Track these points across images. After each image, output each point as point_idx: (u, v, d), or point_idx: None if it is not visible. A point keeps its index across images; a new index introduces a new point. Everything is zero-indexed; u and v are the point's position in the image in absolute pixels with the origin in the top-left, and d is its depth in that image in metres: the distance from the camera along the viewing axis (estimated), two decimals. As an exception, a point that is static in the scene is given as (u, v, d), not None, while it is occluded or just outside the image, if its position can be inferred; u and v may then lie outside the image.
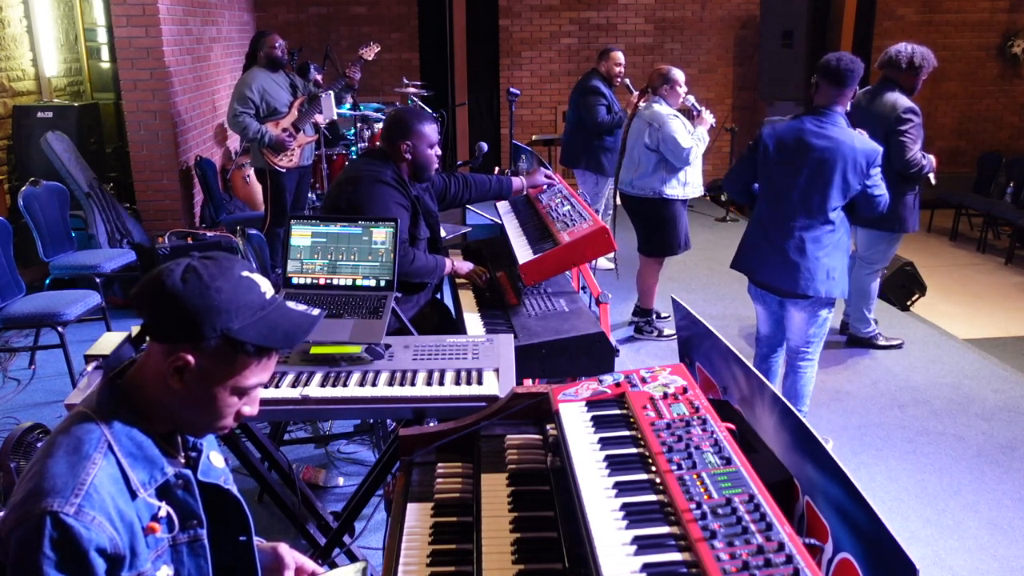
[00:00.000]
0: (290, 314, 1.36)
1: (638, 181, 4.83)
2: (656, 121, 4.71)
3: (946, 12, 9.39)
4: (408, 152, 3.09)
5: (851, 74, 3.27)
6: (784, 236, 3.34)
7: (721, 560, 1.20)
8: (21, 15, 5.96)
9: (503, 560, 1.53)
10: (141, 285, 1.31)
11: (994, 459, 3.63)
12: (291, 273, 2.70)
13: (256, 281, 1.34)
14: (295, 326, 1.36)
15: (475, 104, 9.18)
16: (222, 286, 1.28)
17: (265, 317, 1.31)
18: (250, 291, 1.32)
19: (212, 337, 1.27)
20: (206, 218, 6.46)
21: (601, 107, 5.83)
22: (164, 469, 1.32)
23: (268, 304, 1.33)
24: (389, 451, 2.47)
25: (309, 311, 1.40)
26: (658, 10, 9.33)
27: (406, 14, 9.13)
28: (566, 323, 2.83)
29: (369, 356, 2.38)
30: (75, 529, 1.16)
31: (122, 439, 1.28)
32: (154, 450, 1.31)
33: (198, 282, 1.27)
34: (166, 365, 1.28)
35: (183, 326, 1.26)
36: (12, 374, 4.53)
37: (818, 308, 3.41)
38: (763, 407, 1.69)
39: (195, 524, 1.37)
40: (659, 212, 4.84)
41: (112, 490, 1.23)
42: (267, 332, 1.31)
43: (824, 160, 3.24)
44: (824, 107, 3.32)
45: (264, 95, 5.32)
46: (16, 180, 5.66)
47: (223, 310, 1.27)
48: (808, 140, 3.27)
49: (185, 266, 1.30)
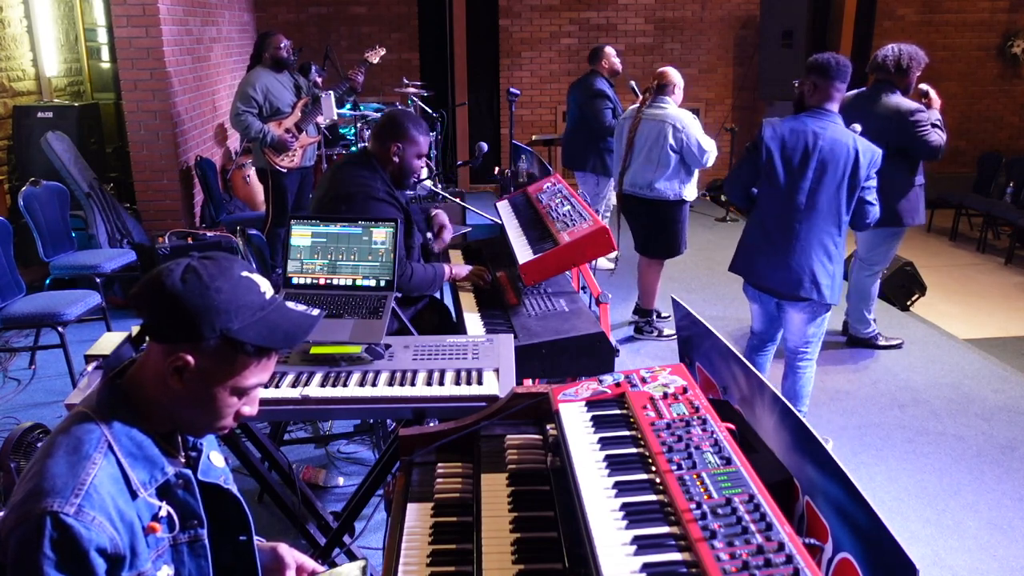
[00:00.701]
0: (290, 314, 1.36)
1: (658, 184, 4.73)
2: (680, 123, 4.65)
3: (946, 12, 9.39)
4: (396, 155, 3.05)
5: (847, 70, 3.28)
6: (787, 238, 3.32)
7: (721, 560, 1.20)
8: (21, 15, 5.97)
9: (503, 560, 1.53)
10: (141, 285, 1.31)
11: (994, 459, 3.63)
12: (291, 273, 2.70)
13: (256, 281, 1.34)
14: (295, 326, 1.36)
15: (475, 104, 9.18)
16: (222, 286, 1.28)
17: (265, 317, 1.31)
18: (250, 291, 1.32)
19: (212, 337, 1.27)
20: (206, 218, 6.46)
21: (607, 110, 5.82)
22: (164, 469, 1.32)
23: (268, 304, 1.33)
24: (389, 451, 2.47)
25: (309, 311, 1.40)
26: (658, 10, 9.34)
27: (406, 14, 9.13)
28: (566, 323, 2.83)
29: (369, 356, 2.38)
30: (75, 529, 1.16)
31: (122, 439, 1.28)
32: (154, 450, 1.31)
33: (198, 282, 1.27)
34: (166, 365, 1.28)
35: (183, 326, 1.26)
36: (12, 374, 4.53)
37: (818, 310, 3.41)
38: (763, 407, 1.69)
39: (195, 524, 1.36)
40: (670, 214, 4.81)
41: (112, 490, 1.23)
42: (267, 332, 1.31)
43: (829, 160, 3.22)
44: (820, 106, 3.31)
45: (268, 95, 5.32)
46: (16, 180, 5.67)
47: (223, 310, 1.27)
48: (813, 140, 3.25)
49: (185, 266, 1.30)
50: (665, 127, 4.67)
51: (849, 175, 3.22)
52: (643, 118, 4.78)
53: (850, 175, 3.22)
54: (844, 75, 3.28)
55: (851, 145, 3.22)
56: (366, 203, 2.95)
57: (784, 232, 3.33)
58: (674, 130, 4.65)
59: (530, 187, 3.99)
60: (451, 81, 9.08)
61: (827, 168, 3.22)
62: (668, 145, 4.65)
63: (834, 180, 3.22)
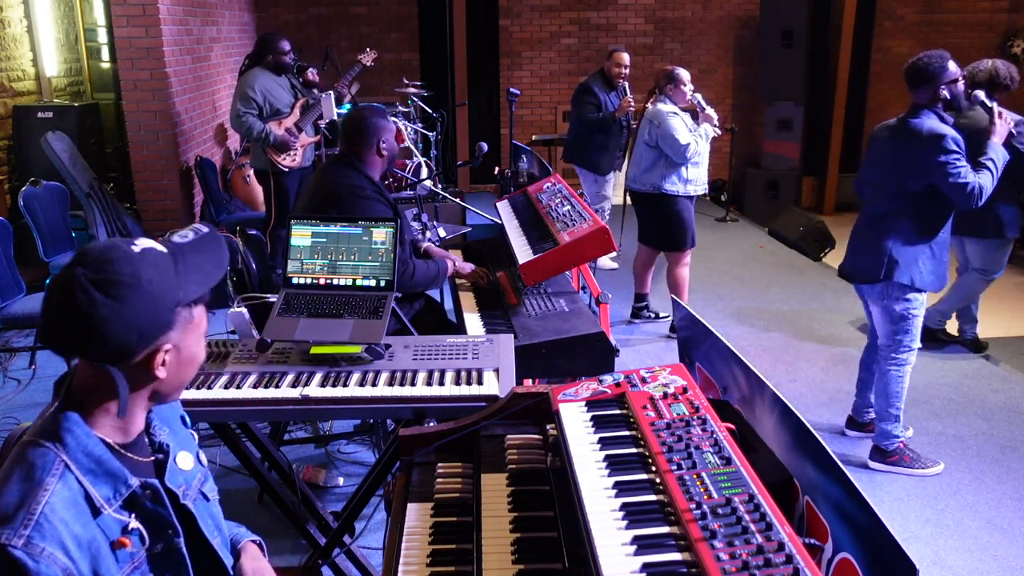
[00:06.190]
0: (193, 246, 1.33)
1: (640, 176, 4.92)
2: (656, 119, 4.78)
3: (946, 12, 9.39)
4: (386, 148, 3.08)
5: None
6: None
7: (721, 560, 1.20)
8: (21, 15, 5.97)
9: (503, 560, 1.53)
10: (61, 330, 1.20)
11: (994, 459, 3.63)
12: (291, 273, 2.70)
13: (148, 246, 1.28)
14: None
15: (475, 104, 9.18)
16: (141, 274, 1.22)
17: (186, 267, 1.28)
18: (157, 259, 1.26)
19: (173, 317, 1.26)
20: (206, 218, 6.46)
21: (589, 105, 5.92)
22: (128, 481, 1.27)
23: (173, 255, 1.28)
24: (389, 451, 2.47)
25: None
26: (658, 10, 9.33)
27: (406, 14, 9.13)
28: (566, 323, 2.83)
29: (369, 356, 2.38)
30: (23, 561, 1.12)
31: (79, 457, 1.23)
32: (115, 463, 1.26)
33: (125, 287, 1.20)
34: (152, 368, 1.26)
35: (149, 331, 1.23)
36: (12, 374, 4.53)
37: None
38: (763, 407, 1.69)
39: (171, 534, 1.33)
40: (661, 207, 4.89)
41: (68, 515, 1.18)
42: (203, 277, 1.30)
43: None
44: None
45: (267, 95, 5.32)
46: (16, 180, 5.67)
47: (165, 292, 1.24)
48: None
49: (86, 285, 1.18)
50: (647, 123, 4.86)
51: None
52: (643, 117, 4.97)
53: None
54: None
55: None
56: (354, 202, 2.96)
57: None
58: (651, 126, 4.82)
59: (530, 187, 3.99)
60: (451, 81, 9.08)
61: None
62: (644, 140, 4.86)
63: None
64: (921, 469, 3.49)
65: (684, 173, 4.80)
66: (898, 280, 3.34)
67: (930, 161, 3.20)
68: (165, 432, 1.41)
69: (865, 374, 3.76)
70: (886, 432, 3.50)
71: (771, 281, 6.33)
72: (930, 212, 3.34)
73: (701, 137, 4.77)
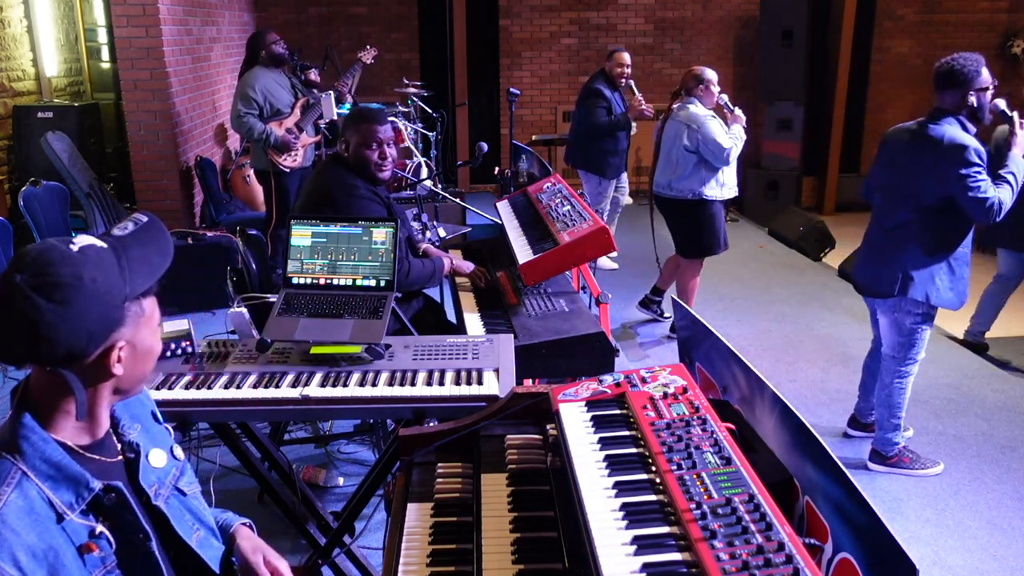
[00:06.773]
0: (135, 237, 1.29)
1: (677, 183, 4.76)
2: (694, 123, 4.65)
3: (946, 12, 9.38)
4: (347, 151, 3.02)
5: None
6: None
7: (721, 560, 1.20)
8: (21, 15, 5.97)
9: (503, 560, 1.53)
10: (6, 346, 1.18)
11: (994, 459, 3.63)
12: (291, 273, 2.70)
13: (87, 243, 1.24)
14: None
15: (475, 104, 9.18)
16: (83, 273, 1.18)
17: (130, 261, 1.25)
18: (99, 255, 1.22)
19: (123, 313, 1.23)
20: (206, 218, 6.47)
21: (600, 109, 5.83)
22: (90, 485, 1.23)
23: (115, 252, 1.25)
24: (389, 451, 2.47)
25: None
26: (658, 10, 9.33)
27: (406, 14, 9.13)
28: (566, 323, 2.83)
29: (369, 356, 2.38)
30: None
31: (37, 464, 1.20)
32: (74, 467, 1.22)
33: (69, 289, 1.16)
34: (108, 366, 1.23)
35: (100, 329, 1.20)
36: (12, 374, 4.52)
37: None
38: (763, 407, 1.69)
39: (141, 538, 1.29)
40: (698, 213, 4.79)
41: (20, 525, 1.15)
42: (148, 268, 1.27)
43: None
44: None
45: (267, 95, 5.32)
46: (16, 180, 5.67)
47: (111, 289, 1.20)
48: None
49: (31, 291, 1.14)
50: (682, 128, 4.70)
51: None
52: (670, 119, 4.83)
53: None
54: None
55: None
56: (349, 201, 2.96)
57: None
58: (689, 130, 4.67)
59: (530, 187, 3.99)
60: (451, 81, 9.08)
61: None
62: (683, 145, 4.68)
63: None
64: (921, 469, 3.49)
65: (720, 177, 4.73)
66: (913, 296, 3.24)
67: (950, 172, 3.06)
68: (136, 430, 1.39)
69: (868, 378, 3.74)
70: (887, 439, 3.49)
71: (771, 281, 6.33)
72: (947, 226, 3.20)
73: (736, 139, 4.67)
